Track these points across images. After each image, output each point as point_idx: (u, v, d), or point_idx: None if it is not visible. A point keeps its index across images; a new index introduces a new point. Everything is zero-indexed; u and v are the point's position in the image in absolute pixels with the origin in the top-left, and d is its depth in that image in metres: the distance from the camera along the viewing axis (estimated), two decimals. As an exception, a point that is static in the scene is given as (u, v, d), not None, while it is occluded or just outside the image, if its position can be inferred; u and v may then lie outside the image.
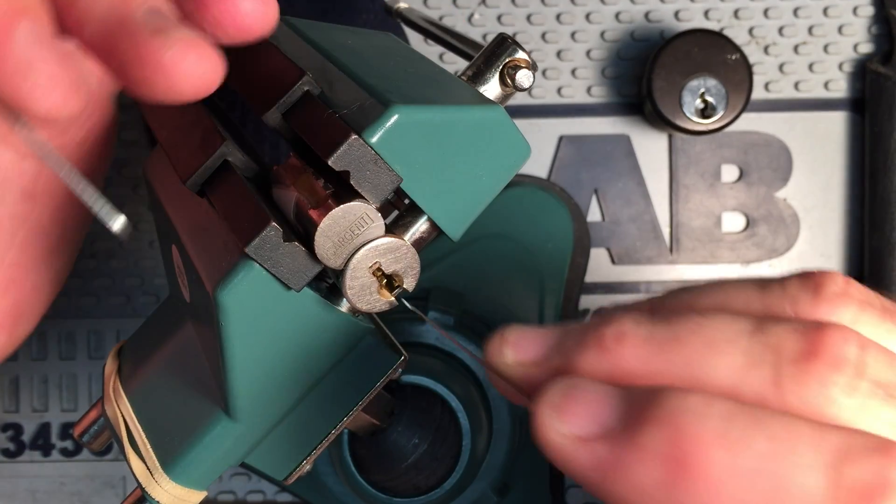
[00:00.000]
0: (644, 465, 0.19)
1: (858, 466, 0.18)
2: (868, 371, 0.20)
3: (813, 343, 0.20)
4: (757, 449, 0.18)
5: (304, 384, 0.31)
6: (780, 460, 0.18)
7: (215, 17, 0.25)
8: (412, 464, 0.42)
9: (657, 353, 0.21)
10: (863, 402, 0.20)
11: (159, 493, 0.31)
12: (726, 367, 0.20)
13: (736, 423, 0.19)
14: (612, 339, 0.21)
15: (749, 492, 0.18)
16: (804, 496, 0.18)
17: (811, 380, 0.20)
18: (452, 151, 0.28)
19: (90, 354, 0.51)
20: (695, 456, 0.18)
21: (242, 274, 0.27)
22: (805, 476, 0.18)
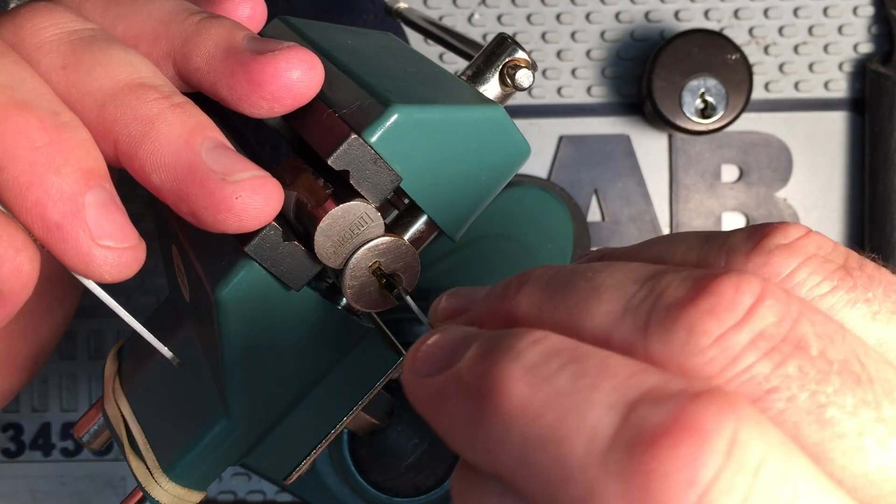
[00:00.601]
0: (457, 398, 0.19)
1: (650, 409, 0.16)
2: (755, 323, 0.17)
3: (697, 289, 0.18)
4: (557, 385, 0.17)
5: (304, 384, 0.31)
6: (576, 396, 0.17)
7: (273, 93, 0.26)
8: (412, 463, 0.42)
9: (546, 299, 0.20)
10: (734, 354, 0.17)
11: (159, 493, 0.31)
12: (603, 313, 0.19)
13: (551, 361, 0.18)
14: (515, 286, 0.21)
15: (536, 426, 0.17)
16: (590, 434, 0.17)
17: (678, 326, 0.18)
18: (452, 151, 0.28)
19: (90, 354, 0.51)
20: (496, 389, 0.18)
21: (242, 274, 0.27)
22: (596, 414, 0.17)
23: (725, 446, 0.16)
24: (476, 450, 0.19)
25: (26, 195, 0.24)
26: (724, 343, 0.17)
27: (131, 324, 0.29)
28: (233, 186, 0.25)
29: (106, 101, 0.26)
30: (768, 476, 0.16)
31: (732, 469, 0.15)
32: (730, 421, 0.16)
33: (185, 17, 0.28)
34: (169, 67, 0.28)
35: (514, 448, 0.18)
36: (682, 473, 0.15)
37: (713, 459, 0.15)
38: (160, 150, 0.25)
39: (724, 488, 0.15)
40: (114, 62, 0.27)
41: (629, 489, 0.16)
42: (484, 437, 0.18)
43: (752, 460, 0.16)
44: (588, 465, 0.16)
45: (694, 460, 0.15)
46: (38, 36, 0.27)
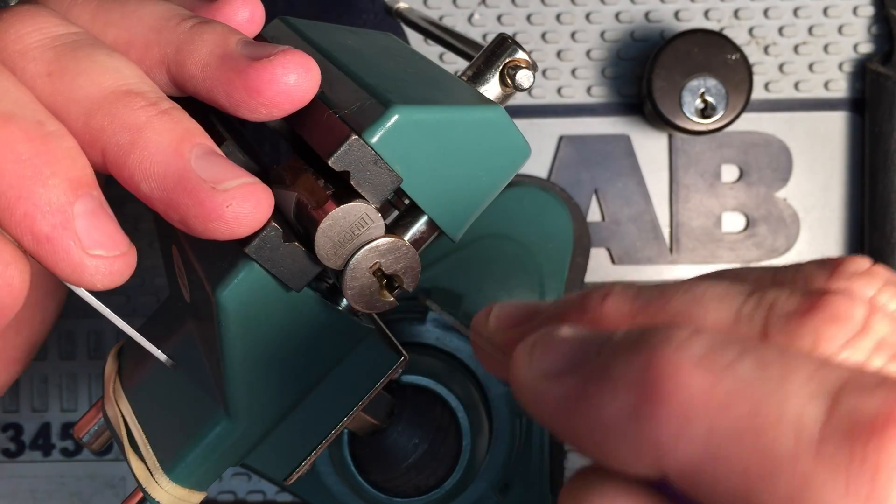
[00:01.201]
0: (612, 394, 0.17)
1: (860, 397, 0.16)
2: (874, 330, 0.18)
3: (811, 302, 0.18)
4: (742, 374, 0.17)
5: (304, 384, 0.31)
6: (769, 385, 0.16)
7: (270, 99, 0.26)
8: (412, 464, 0.42)
9: (641, 308, 0.20)
10: (865, 358, 0.18)
11: (159, 494, 0.31)
12: (712, 321, 0.19)
13: (725, 350, 0.17)
14: (597, 299, 0.21)
15: (727, 417, 0.16)
16: (796, 424, 0.16)
17: (804, 331, 0.18)
18: (452, 151, 0.28)
19: (90, 354, 0.51)
20: (667, 380, 0.17)
21: (243, 274, 0.27)
22: (798, 402, 0.16)
23: None
24: (637, 450, 0.17)
25: (15, 208, 0.24)
26: (851, 349, 0.18)
27: (123, 328, 0.29)
28: (223, 195, 0.25)
29: (92, 109, 0.26)
30: None
31: None
32: None
33: (176, 22, 0.28)
34: (162, 75, 0.28)
35: (698, 442, 0.16)
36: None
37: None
38: (149, 158, 0.25)
39: None
40: (99, 68, 0.26)
41: (854, 483, 0.15)
42: (654, 433, 0.17)
43: None
44: (799, 457, 0.16)
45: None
46: (22, 42, 0.27)
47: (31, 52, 0.27)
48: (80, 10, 0.29)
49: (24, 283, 0.25)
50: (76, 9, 0.29)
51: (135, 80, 0.27)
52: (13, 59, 0.27)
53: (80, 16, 0.29)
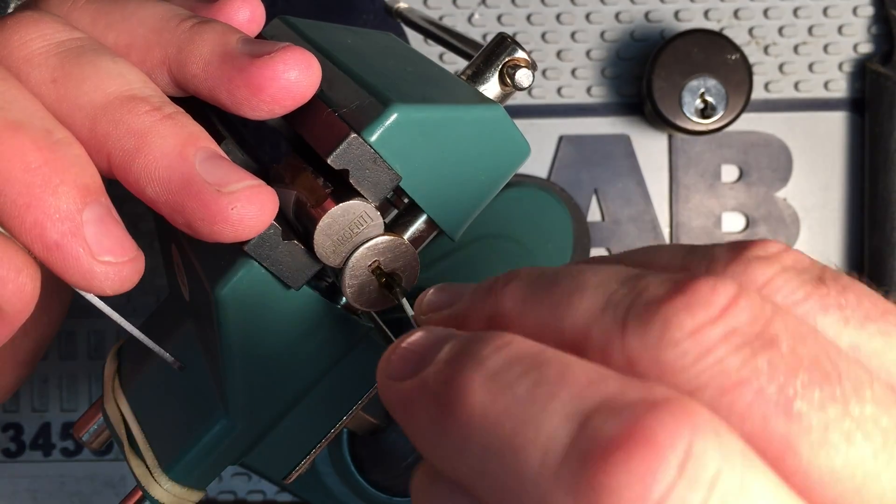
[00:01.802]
0: (423, 404, 0.19)
1: (605, 419, 0.16)
2: (729, 320, 0.18)
3: (675, 289, 0.18)
4: (516, 393, 0.17)
5: (304, 383, 0.31)
6: (534, 406, 0.17)
7: (272, 96, 0.26)
8: (412, 463, 0.42)
9: (530, 295, 0.21)
10: (707, 347, 0.17)
11: (159, 493, 0.31)
12: (584, 308, 0.19)
13: (513, 368, 0.18)
14: (501, 283, 0.22)
15: (494, 435, 0.17)
16: (545, 444, 0.16)
17: (655, 320, 0.18)
18: (452, 150, 0.28)
19: (90, 354, 0.51)
20: (457, 397, 0.18)
21: (242, 273, 0.27)
22: (552, 424, 0.17)
23: (679, 460, 0.15)
24: (439, 456, 0.19)
25: (25, 217, 0.25)
26: (697, 337, 0.18)
27: (131, 331, 0.30)
28: (228, 197, 0.25)
29: (97, 115, 0.26)
30: (725, 490, 0.15)
31: (685, 484, 0.15)
32: (685, 432, 0.16)
33: (176, 23, 0.28)
34: (164, 75, 0.28)
35: (474, 457, 0.18)
36: (633, 489, 0.15)
37: (666, 474, 0.15)
38: (154, 163, 0.25)
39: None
40: (103, 74, 0.26)
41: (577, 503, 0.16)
42: (446, 443, 0.18)
43: (707, 474, 0.15)
44: (541, 478, 0.16)
45: (645, 475, 0.15)
46: (27, 48, 0.27)
47: (36, 58, 0.27)
48: (81, 13, 0.29)
49: (35, 289, 0.26)
50: (76, 12, 0.29)
51: (139, 85, 0.27)
52: (18, 66, 0.27)
53: (81, 19, 0.29)
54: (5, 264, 0.25)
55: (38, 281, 0.26)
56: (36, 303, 0.26)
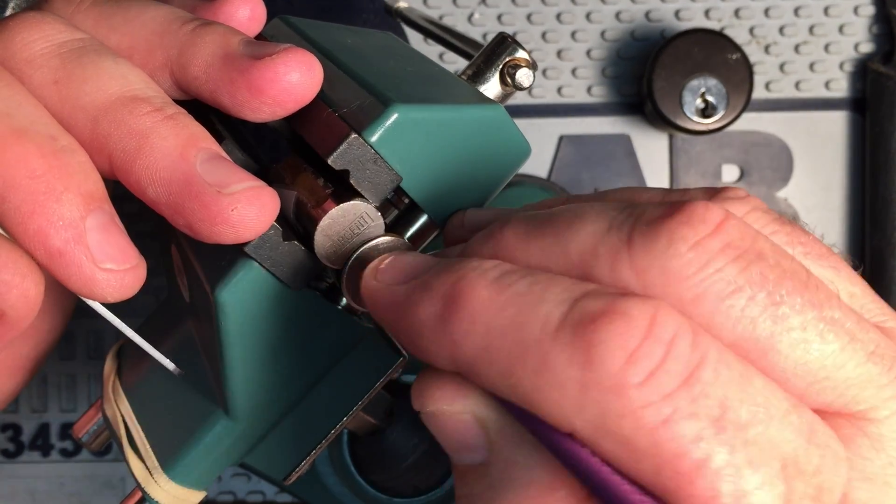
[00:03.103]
0: (428, 301, 0.22)
1: (591, 301, 0.20)
2: (724, 234, 0.20)
3: (674, 208, 0.21)
4: (517, 288, 0.21)
5: (304, 384, 0.31)
6: (532, 295, 0.21)
7: (274, 98, 0.26)
8: (412, 464, 0.42)
9: (533, 229, 0.23)
10: (708, 258, 0.20)
11: (159, 494, 0.31)
12: (589, 232, 0.22)
13: (512, 274, 0.21)
14: (499, 225, 0.24)
15: (499, 318, 0.21)
16: (544, 319, 0.20)
17: (661, 235, 0.20)
18: (452, 150, 0.28)
19: (90, 354, 0.51)
20: (465, 293, 0.21)
21: (242, 273, 0.27)
22: (548, 306, 0.20)
23: (646, 323, 0.19)
24: (441, 344, 0.22)
25: (28, 223, 0.25)
26: (699, 248, 0.20)
27: (135, 339, 0.30)
28: (228, 198, 0.25)
29: (98, 116, 0.26)
30: (681, 344, 0.19)
31: (651, 339, 0.19)
32: (650, 307, 0.20)
33: (178, 26, 0.28)
34: (166, 78, 0.28)
35: (479, 337, 0.21)
36: (615, 342, 0.19)
37: (637, 332, 0.19)
38: (155, 164, 0.25)
39: (646, 352, 0.19)
40: (105, 75, 0.26)
41: (576, 354, 0.20)
42: (451, 331, 0.21)
43: (667, 333, 0.19)
44: (542, 341, 0.20)
45: (623, 333, 0.19)
46: (29, 50, 0.27)
47: (38, 59, 0.27)
48: (83, 16, 0.29)
49: (39, 294, 0.26)
50: (80, 15, 0.29)
51: (140, 86, 0.27)
52: (20, 68, 0.27)
53: (83, 22, 0.29)
54: (10, 269, 0.25)
55: (42, 286, 0.26)
56: (39, 308, 0.26)
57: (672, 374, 0.19)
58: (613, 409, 0.19)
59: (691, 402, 0.19)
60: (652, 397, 0.19)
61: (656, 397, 0.19)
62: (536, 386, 0.20)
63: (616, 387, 0.19)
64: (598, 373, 0.19)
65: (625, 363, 0.19)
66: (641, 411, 0.19)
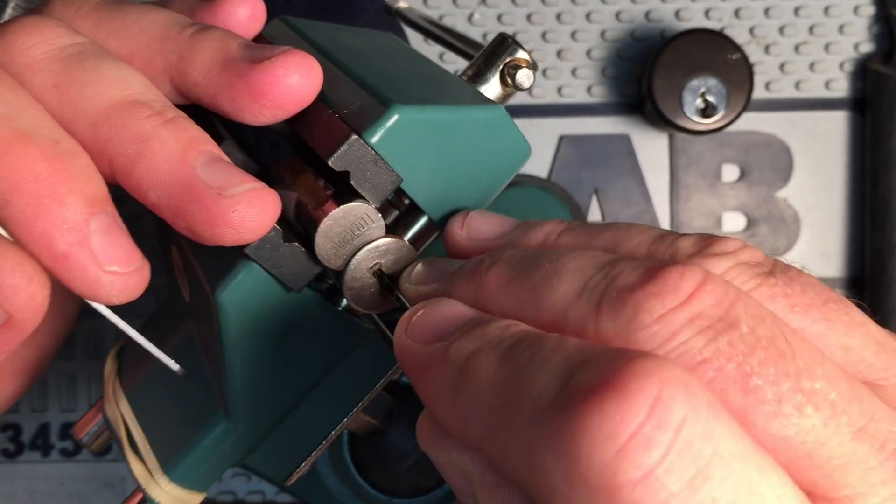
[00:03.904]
0: (441, 370, 0.21)
1: (587, 371, 0.18)
2: (695, 305, 0.19)
3: (647, 275, 0.20)
4: (520, 360, 0.20)
5: (304, 385, 0.31)
6: (532, 367, 0.19)
7: (274, 101, 0.27)
8: (412, 464, 0.42)
9: (512, 278, 0.22)
10: (673, 330, 0.19)
11: (159, 494, 0.31)
12: (562, 292, 0.21)
13: (522, 343, 0.20)
14: (486, 265, 0.23)
15: (499, 395, 0.19)
16: (537, 396, 0.18)
17: (627, 305, 0.19)
18: (453, 151, 0.28)
19: (90, 355, 0.51)
20: (475, 367, 0.20)
21: (242, 275, 0.27)
22: (544, 378, 0.19)
23: (648, 404, 0.17)
24: (451, 417, 0.21)
25: (33, 227, 0.25)
26: (665, 320, 0.19)
27: (139, 340, 0.30)
28: (229, 200, 0.25)
29: (99, 120, 0.26)
30: (689, 434, 0.17)
31: (653, 425, 0.17)
32: (654, 381, 0.17)
33: (177, 31, 0.28)
34: (166, 84, 0.28)
35: (483, 417, 0.20)
36: (604, 428, 0.17)
37: (635, 415, 0.17)
38: (155, 168, 0.26)
39: (644, 442, 0.17)
40: (105, 79, 0.27)
41: (558, 444, 0.17)
42: (458, 404, 0.20)
43: (674, 418, 0.17)
44: (529, 424, 0.18)
45: (615, 416, 0.17)
46: (29, 54, 0.27)
47: (39, 63, 0.27)
48: (83, 20, 0.29)
49: (45, 298, 0.26)
50: (80, 20, 0.29)
51: (140, 90, 0.27)
52: (21, 72, 0.27)
53: (83, 26, 0.29)
54: (17, 273, 0.25)
55: (48, 289, 0.26)
56: (45, 310, 0.26)
57: (677, 473, 0.16)
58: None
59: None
60: (649, 501, 0.16)
61: (654, 501, 0.16)
62: (524, 473, 0.18)
63: (603, 485, 0.17)
64: (582, 466, 0.17)
65: (615, 455, 0.17)
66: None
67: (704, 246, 0.23)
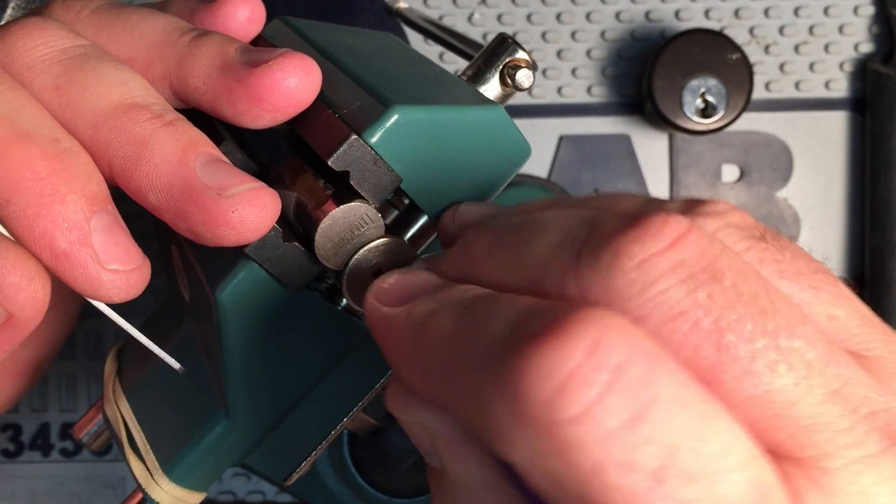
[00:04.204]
0: (401, 329, 0.22)
1: (534, 318, 0.18)
2: (677, 252, 0.19)
3: (629, 222, 0.19)
4: (475, 315, 0.20)
5: (304, 385, 0.31)
6: (486, 319, 0.19)
7: (273, 104, 0.27)
8: (412, 464, 0.42)
9: (497, 240, 0.22)
10: (654, 277, 0.19)
11: (159, 495, 0.31)
12: (545, 244, 0.21)
13: (480, 301, 0.20)
14: (472, 233, 0.23)
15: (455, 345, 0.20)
16: (487, 343, 0.19)
17: (606, 251, 0.19)
18: (452, 151, 0.28)
19: (90, 355, 0.51)
20: (430, 324, 0.21)
21: (242, 275, 0.27)
22: (495, 328, 0.19)
23: (586, 345, 0.17)
24: (412, 375, 0.22)
25: (33, 226, 0.25)
26: (645, 266, 0.19)
27: (140, 339, 0.30)
28: (229, 201, 0.25)
29: (99, 122, 0.26)
30: (629, 377, 0.17)
31: (590, 365, 0.17)
32: (595, 326, 0.17)
33: (177, 37, 0.28)
34: (166, 89, 0.28)
35: (439, 370, 0.20)
36: (542, 368, 0.17)
37: (571, 355, 0.17)
38: (155, 170, 0.26)
39: (580, 382, 0.17)
40: (105, 82, 0.27)
41: (502, 385, 0.18)
42: (419, 360, 0.21)
43: (612, 360, 0.17)
44: (479, 369, 0.19)
45: (555, 356, 0.17)
46: (30, 55, 0.27)
47: (40, 65, 0.27)
48: (84, 24, 0.29)
49: (46, 296, 0.26)
50: (80, 23, 0.29)
51: (141, 93, 0.27)
52: (21, 73, 0.27)
53: (84, 30, 0.29)
54: (18, 271, 0.25)
55: (49, 288, 0.26)
56: (46, 310, 0.26)
57: (613, 412, 0.17)
58: (541, 447, 0.17)
59: (630, 448, 0.17)
60: (585, 437, 0.17)
61: (590, 438, 0.17)
62: (476, 418, 0.19)
63: (543, 421, 0.17)
64: (524, 403, 0.17)
65: (554, 392, 0.17)
66: (570, 453, 0.17)
67: (693, 204, 0.22)
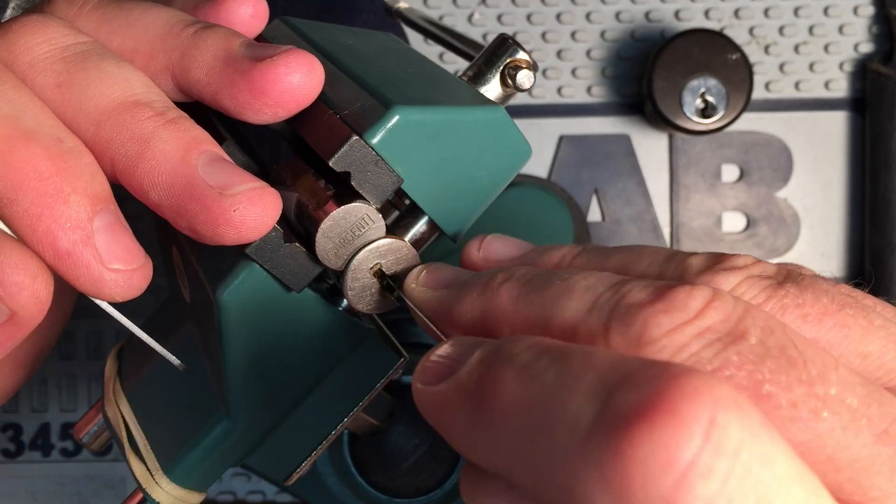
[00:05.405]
0: (458, 403, 0.20)
1: (629, 391, 0.16)
2: (703, 320, 0.19)
3: (656, 293, 0.20)
4: (545, 380, 0.18)
5: (305, 385, 0.31)
6: (561, 388, 0.18)
7: (275, 99, 0.27)
8: (412, 464, 0.42)
9: (524, 295, 0.22)
10: (682, 344, 0.19)
11: (159, 494, 0.31)
12: (573, 308, 0.21)
13: (543, 358, 0.19)
14: (499, 280, 0.23)
15: (526, 420, 0.18)
16: (572, 422, 0.17)
17: (636, 321, 0.19)
18: (453, 152, 0.28)
19: (90, 354, 0.51)
20: (492, 390, 0.19)
21: (243, 275, 0.27)
22: (578, 402, 0.17)
23: (703, 428, 0.16)
24: (477, 450, 0.20)
25: (37, 226, 0.25)
26: (673, 335, 0.19)
27: (142, 337, 0.30)
28: (230, 200, 0.25)
29: (101, 120, 0.26)
30: (748, 459, 0.16)
31: (710, 451, 0.15)
32: (707, 402, 0.16)
33: (180, 29, 0.28)
34: (168, 81, 0.28)
35: (509, 444, 0.18)
36: (659, 457, 0.15)
37: (691, 442, 0.15)
38: (157, 168, 0.26)
39: (703, 471, 0.15)
40: (107, 79, 0.27)
41: (607, 476, 0.16)
42: (482, 436, 0.19)
43: (731, 443, 0.16)
44: (569, 454, 0.17)
45: (670, 443, 0.15)
46: (32, 53, 0.27)
47: (42, 63, 0.27)
48: (86, 19, 0.29)
49: (49, 295, 0.26)
50: (82, 18, 0.29)
51: (143, 91, 0.27)
52: (23, 71, 0.27)
53: (86, 25, 0.29)
54: (21, 270, 0.25)
55: (52, 287, 0.26)
56: (48, 307, 0.26)
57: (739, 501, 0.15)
58: None
59: None
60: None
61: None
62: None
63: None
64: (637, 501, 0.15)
65: (674, 486, 0.15)
66: None
67: (714, 262, 0.23)
